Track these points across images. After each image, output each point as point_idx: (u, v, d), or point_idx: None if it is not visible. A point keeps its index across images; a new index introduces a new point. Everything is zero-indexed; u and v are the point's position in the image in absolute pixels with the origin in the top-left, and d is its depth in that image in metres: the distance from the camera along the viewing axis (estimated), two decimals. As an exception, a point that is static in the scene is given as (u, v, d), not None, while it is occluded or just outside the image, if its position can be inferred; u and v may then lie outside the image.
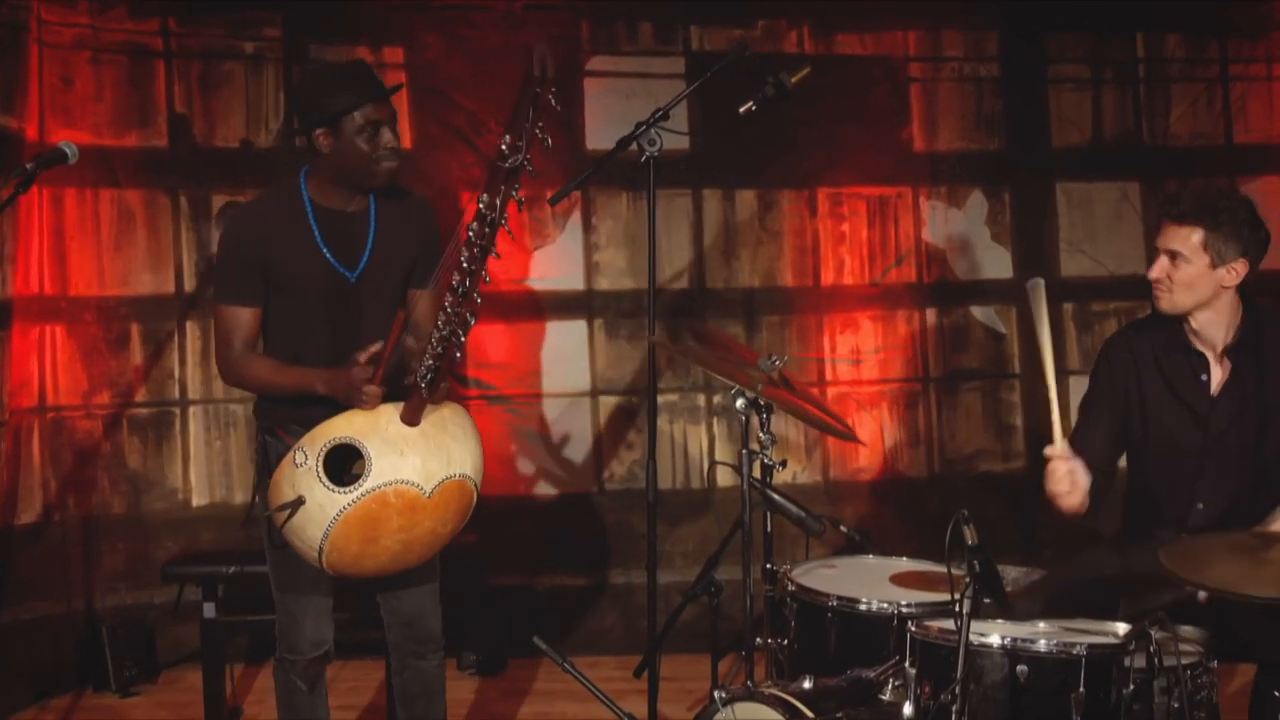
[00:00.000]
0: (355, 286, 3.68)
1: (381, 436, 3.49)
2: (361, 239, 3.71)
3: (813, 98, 5.30)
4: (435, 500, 3.53)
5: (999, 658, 3.20)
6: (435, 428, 3.57)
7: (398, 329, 3.49)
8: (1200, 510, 3.81)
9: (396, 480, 3.48)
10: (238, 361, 3.72)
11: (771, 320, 5.99)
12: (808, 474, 5.98)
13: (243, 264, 3.69)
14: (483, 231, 3.43)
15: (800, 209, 6.00)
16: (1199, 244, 3.71)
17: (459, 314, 3.44)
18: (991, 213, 6.06)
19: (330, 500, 3.45)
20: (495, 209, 3.42)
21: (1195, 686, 3.22)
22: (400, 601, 3.89)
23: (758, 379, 3.88)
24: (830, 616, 3.76)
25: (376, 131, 3.60)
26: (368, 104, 3.59)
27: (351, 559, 3.52)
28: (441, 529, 3.60)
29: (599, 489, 5.95)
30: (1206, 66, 6.10)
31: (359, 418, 3.52)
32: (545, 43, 3.48)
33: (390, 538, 3.51)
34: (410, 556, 3.60)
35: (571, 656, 4.11)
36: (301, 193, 3.70)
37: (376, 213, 3.73)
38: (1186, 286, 3.74)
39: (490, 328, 5.85)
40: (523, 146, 3.42)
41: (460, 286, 3.43)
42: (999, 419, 6.06)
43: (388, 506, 3.47)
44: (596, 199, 5.91)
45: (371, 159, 3.61)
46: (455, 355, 3.50)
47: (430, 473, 3.51)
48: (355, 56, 5.67)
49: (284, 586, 3.82)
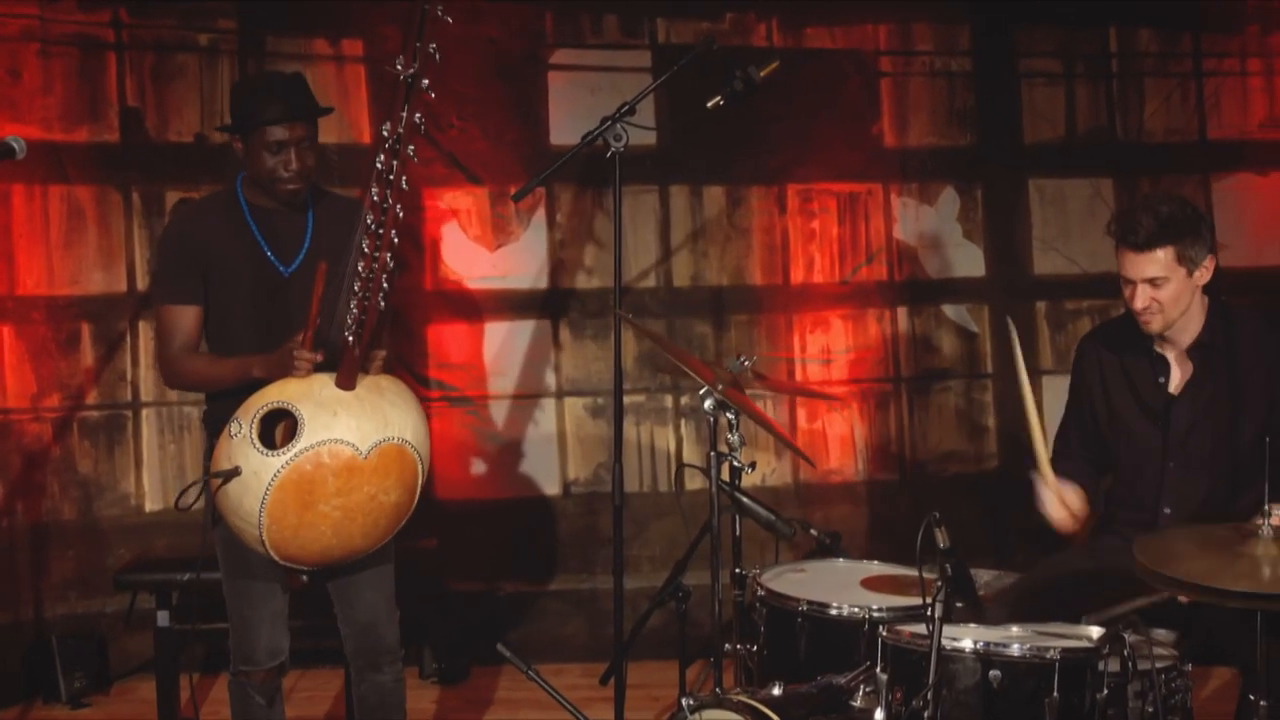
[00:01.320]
0: (289, 282, 3.73)
1: (315, 400, 3.52)
2: (299, 235, 3.77)
3: (782, 92, 5.32)
4: (373, 463, 3.53)
5: (972, 662, 3.21)
6: (371, 392, 3.60)
7: (320, 286, 3.50)
8: (1168, 515, 3.85)
9: (330, 439, 3.48)
10: (175, 360, 3.77)
11: (740, 319, 6.00)
12: (777, 476, 5.99)
13: (181, 263, 3.77)
14: (389, 163, 3.49)
15: (769, 206, 6.01)
16: (1173, 261, 3.75)
17: (378, 256, 3.49)
18: (963, 209, 6.09)
19: (264, 465, 3.46)
20: (395, 134, 3.48)
21: (1169, 690, 3.24)
22: (354, 610, 3.88)
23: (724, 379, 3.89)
24: (800, 621, 3.78)
25: (281, 151, 3.67)
26: (275, 124, 3.65)
27: (291, 531, 3.50)
28: (383, 496, 3.57)
29: (564, 492, 5.94)
30: (1180, 61, 6.14)
31: (292, 384, 3.56)
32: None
33: (327, 503, 3.49)
34: (354, 528, 3.56)
35: (536, 664, 4.11)
36: (238, 192, 3.80)
37: (315, 210, 3.81)
38: (1174, 303, 3.79)
39: (452, 327, 5.84)
40: (415, 63, 3.48)
41: (376, 225, 3.46)
42: (971, 420, 6.09)
43: (322, 468, 3.47)
44: (561, 195, 5.90)
45: (275, 176, 3.69)
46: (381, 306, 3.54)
47: (365, 433, 3.52)
48: (313, 49, 5.67)
49: (237, 590, 3.81)
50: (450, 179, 5.82)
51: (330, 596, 3.89)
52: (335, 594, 3.88)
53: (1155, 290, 3.77)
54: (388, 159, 3.51)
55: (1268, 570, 3.06)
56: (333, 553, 3.61)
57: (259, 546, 3.55)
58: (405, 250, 5.71)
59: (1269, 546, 3.11)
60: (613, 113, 4.20)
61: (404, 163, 3.51)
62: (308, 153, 3.70)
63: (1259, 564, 3.08)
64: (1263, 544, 3.12)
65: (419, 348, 5.81)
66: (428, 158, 5.76)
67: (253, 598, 3.79)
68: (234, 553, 3.70)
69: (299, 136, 3.68)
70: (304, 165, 3.69)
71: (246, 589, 3.79)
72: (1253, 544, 3.13)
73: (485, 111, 5.82)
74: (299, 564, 3.62)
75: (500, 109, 5.84)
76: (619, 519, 4.29)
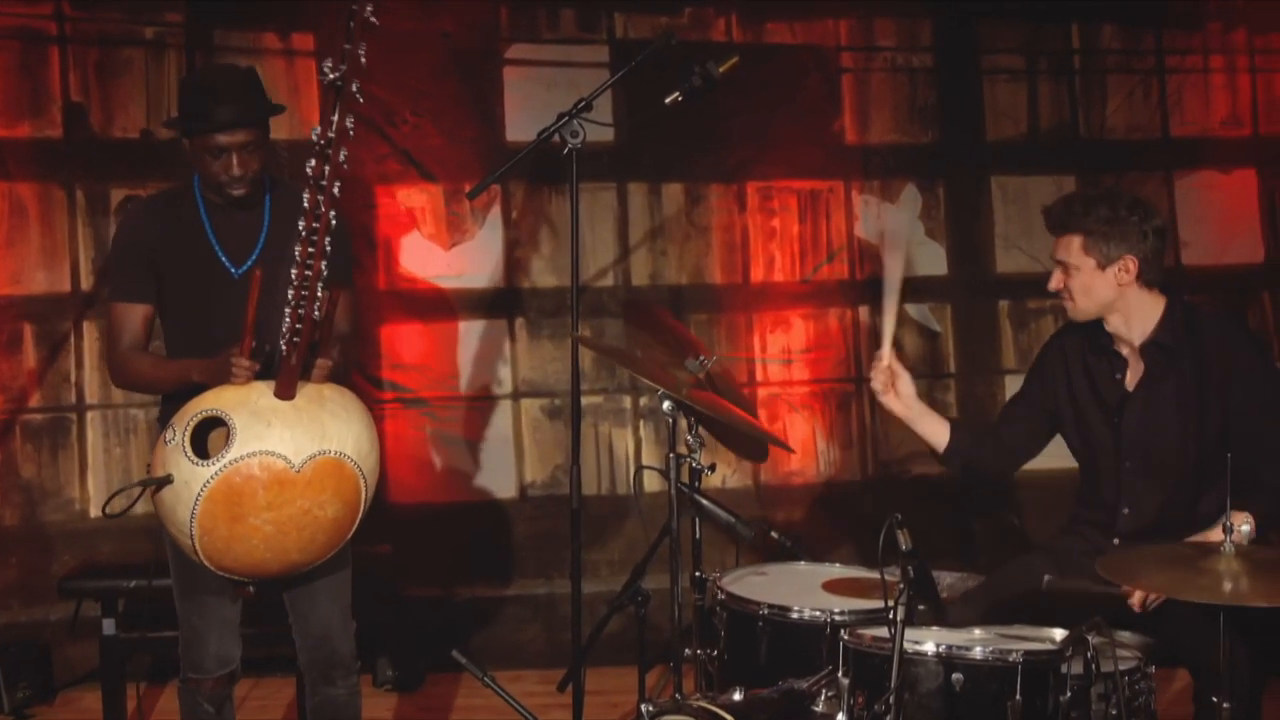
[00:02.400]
0: (240, 283, 3.67)
1: (250, 409, 3.48)
2: (253, 235, 3.73)
3: (741, 88, 5.32)
4: (307, 477, 3.48)
5: (934, 666, 3.23)
6: (311, 403, 3.55)
7: (255, 294, 3.47)
8: (1126, 515, 3.88)
9: (261, 451, 3.44)
10: (121, 359, 3.75)
11: (699, 319, 6.02)
12: (738, 478, 6.01)
13: (134, 260, 3.74)
14: (320, 168, 3.46)
15: (729, 203, 6.03)
16: (1080, 249, 3.84)
17: (311, 264, 3.47)
18: (926, 207, 6.12)
19: (194, 475, 3.43)
20: (325, 138, 3.46)
21: (1133, 693, 3.28)
22: (308, 622, 3.86)
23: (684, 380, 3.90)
24: (761, 626, 3.79)
25: (223, 155, 3.63)
26: (218, 131, 3.60)
27: (223, 543, 3.47)
28: (319, 511, 3.52)
29: (520, 495, 5.93)
30: (1142, 58, 6.20)
31: (229, 392, 3.52)
32: None
33: (258, 516, 3.46)
34: (288, 542, 3.52)
35: (492, 670, 4.11)
36: (195, 189, 3.76)
37: (272, 209, 3.77)
38: (1083, 292, 3.87)
39: (406, 328, 5.82)
40: (344, 66, 3.44)
41: (308, 232, 3.45)
42: (934, 420, 6.12)
43: (253, 480, 3.43)
44: (517, 193, 5.90)
45: (217, 180, 3.66)
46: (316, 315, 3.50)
47: (300, 446, 3.48)
48: (262, 44, 5.64)
49: (187, 598, 3.79)
50: (404, 176, 5.80)
51: (285, 606, 3.87)
52: (290, 604, 3.86)
53: (1067, 276, 3.88)
54: (319, 164, 3.48)
55: (1229, 584, 3.11)
56: (268, 566, 3.56)
57: (194, 556, 3.52)
58: (358, 249, 5.69)
59: (1230, 562, 3.16)
60: (569, 109, 4.19)
61: (336, 168, 3.48)
62: (252, 157, 3.65)
63: (1220, 579, 3.13)
64: (1224, 559, 3.17)
65: (372, 348, 5.79)
66: (381, 154, 5.75)
67: (202, 606, 3.77)
68: (183, 559, 3.67)
69: (242, 141, 3.62)
70: (248, 170, 3.65)
71: (196, 596, 3.77)
72: (1214, 559, 3.18)
73: (439, 107, 5.81)
74: (235, 575, 3.59)
75: (455, 105, 5.83)
76: (577, 522, 4.29)
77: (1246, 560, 3.17)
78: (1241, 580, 3.12)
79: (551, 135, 4.22)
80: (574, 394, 4.33)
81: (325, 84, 3.47)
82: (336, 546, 3.64)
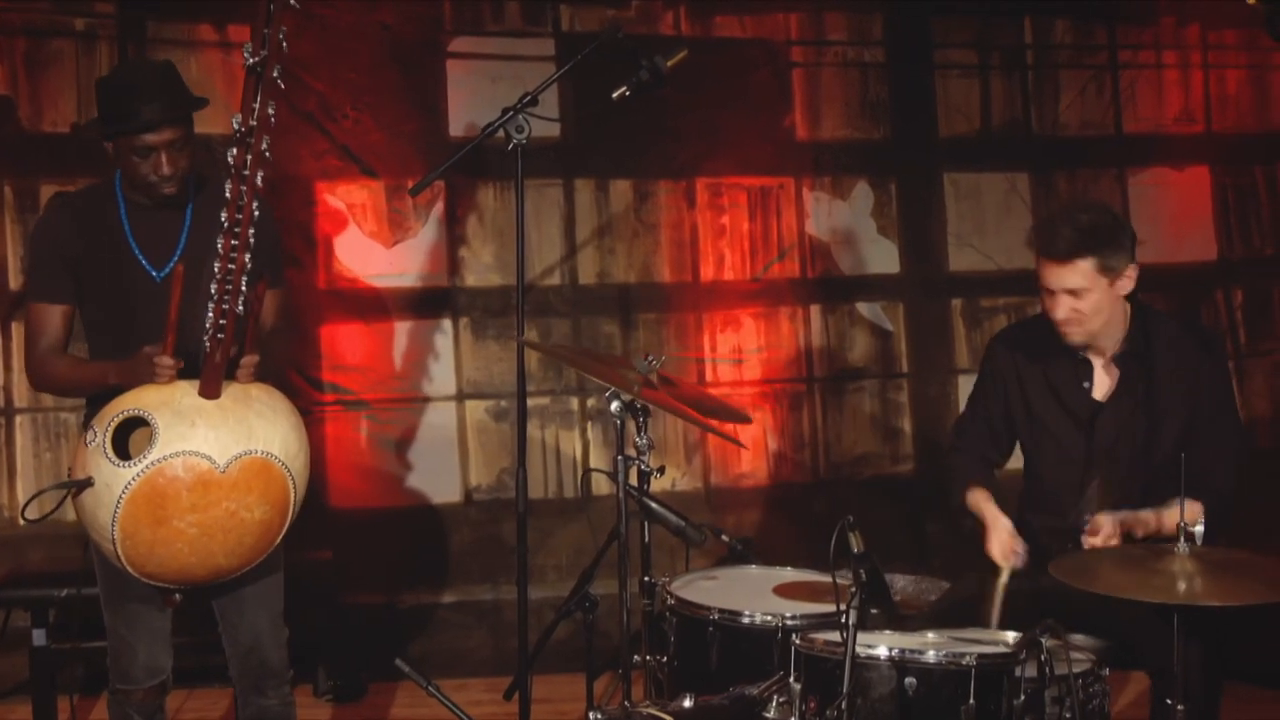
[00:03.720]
0: (162, 288, 3.63)
1: (173, 409, 3.45)
2: (174, 236, 3.70)
3: (690, 83, 5.33)
4: (232, 478, 3.46)
5: (887, 670, 3.24)
6: (237, 402, 3.52)
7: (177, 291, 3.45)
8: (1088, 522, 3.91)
9: (184, 451, 3.41)
10: (40, 361, 3.71)
11: (648, 318, 6.02)
12: (687, 480, 6.02)
13: (51, 261, 3.70)
14: (242, 157, 3.44)
15: (678, 200, 6.04)
16: (1094, 270, 3.79)
17: (235, 257, 3.44)
18: (877, 204, 6.16)
19: (115, 476, 3.40)
20: (247, 126, 3.44)
21: (1087, 696, 3.31)
22: (236, 630, 3.83)
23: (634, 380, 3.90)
24: (711, 631, 3.79)
25: (150, 156, 3.60)
26: (142, 132, 3.57)
27: (146, 548, 3.44)
28: (245, 513, 3.50)
29: (465, 499, 5.92)
30: (1095, 53, 6.26)
31: (151, 391, 3.50)
32: None
33: (182, 519, 3.43)
34: (214, 546, 3.49)
35: (437, 679, 4.08)
36: (116, 188, 3.72)
37: (194, 210, 3.72)
38: (1096, 313, 3.84)
39: (347, 328, 5.79)
40: (265, 51, 3.44)
41: (231, 224, 3.43)
42: (887, 420, 6.16)
43: (175, 481, 3.40)
44: (461, 189, 5.88)
45: (147, 181, 3.63)
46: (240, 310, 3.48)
47: (225, 446, 3.45)
48: (197, 36, 5.60)
49: (114, 607, 3.76)
50: (344, 172, 5.77)
51: (215, 614, 3.84)
52: (219, 612, 3.83)
53: (1076, 300, 3.81)
54: (240, 154, 3.45)
55: (1183, 584, 3.15)
56: (194, 572, 3.53)
57: (117, 562, 3.49)
58: (296, 247, 5.67)
59: (1184, 562, 3.20)
60: (514, 103, 4.19)
61: (258, 157, 3.46)
62: (181, 154, 3.62)
63: (1175, 579, 3.17)
64: (1178, 560, 3.21)
65: (312, 349, 5.76)
66: (320, 150, 5.72)
67: (129, 614, 3.74)
68: (109, 566, 3.64)
69: (170, 139, 3.59)
70: (177, 168, 3.61)
71: (123, 605, 3.73)
72: (1169, 560, 3.22)
73: (381, 101, 5.78)
74: (160, 582, 3.56)
75: (397, 99, 5.80)
76: (523, 526, 4.28)
77: (1200, 561, 3.22)
78: (1196, 580, 3.17)
79: (496, 130, 4.21)
80: (520, 395, 4.32)
81: (246, 69, 3.44)
82: (265, 551, 3.61)
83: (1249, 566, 3.30)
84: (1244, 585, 3.19)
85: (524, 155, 4.20)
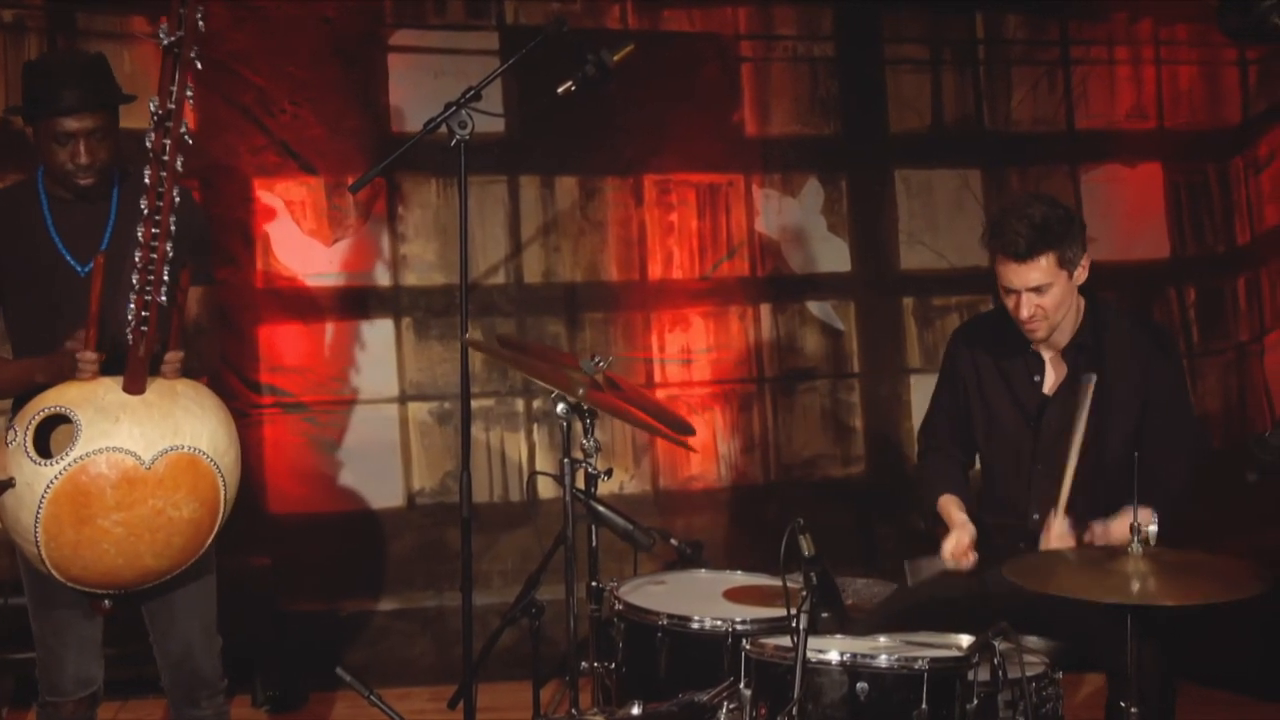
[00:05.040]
0: (86, 282, 3.60)
1: (96, 405, 3.44)
2: (99, 230, 3.68)
3: (637, 78, 5.34)
4: (159, 474, 3.44)
5: (838, 675, 3.26)
6: (163, 397, 3.51)
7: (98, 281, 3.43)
8: (1037, 521, 3.94)
9: (108, 448, 3.40)
10: None
11: (595, 318, 6.02)
12: (636, 483, 6.02)
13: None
14: (160, 142, 3.43)
15: (625, 197, 6.03)
16: (1055, 265, 3.83)
17: (156, 246, 3.43)
18: (828, 201, 6.18)
19: (37, 475, 3.38)
20: (165, 109, 3.42)
21: (1040, 699, 3.33)
22: (166, 639, 3.80)
23: (580, 382, 3.90)
24: (660, 637, 3.80)
25: (69, 143, 3.59)
26: (63, 116, 3.56)
27: (70, 548, 3.41)
28: (173, 511, 3.48)
29: (408, 504, 5.89)
30: (1047, 49, 6.31)
31: (74, 388, 3.48)
32: None
33: (107, 518, 3.40)
34: (141, 546, 3.47)
35: (379, 688, 4.07)
36: (38, 182, 3.71)
37: (119, 203, 3.71)
38: (1058, 307, 3.89)
39: (285, 328, 5.76)
40: (181, 30, 3.42)
41: (152, 211, 3.41)
42: (838, 421, 6.18)
43: (100, 479, 3.38)
44: (403, 186, 5.86)
45: (64, 169, 3.62)
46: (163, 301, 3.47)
47: (150, 441, 3.44)
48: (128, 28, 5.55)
49: (41, 616, 3.72)
50: (282, 168, 5.74)
51: (145, 622, 3.81)
52: (149, 620, 3.80)
53: (1040, 298, 3.85)
54: (159, 138, 3.44)
55: (1137, 585, 3.19)
56: (121, 574, 3.50)
57: (41, 566, 3.46)
58: (233, 245, 5.63)
59: (1138, 562, 3.23)
60: (457, 98, 4.18)
61: (177, 141, 3.44)
62: (101, 145, 3.61)
63: (1128, 579, 3.21)
64: (1132, 560, 3.24)
65: (249, 350, 5.72)
66: (258, 145, 5.68)
67: (57, 623, 3.70)
68: (36, 573, 3.60)
69: (89, 128, 3.58)
70: (95, 159, 3.60)
71: (50, 613, 3.70)
72: (1122, 560, 3.25)
73: (320, 96, 5.75)
74: (86, 586, 3.52)
75: (337, 93, 5.77)
76: (467, 531, 4.27)
77: (1154, 561, 3.25)
78: (1149, 580, 3.21)
79: (438, 126, 4.20)
80: (464, 397, 4.32)
81: (163, 50, 3.43)
82: (196, 552, 3.58)
83: (1202, 566, 3.35)
84: (1198, 585, 3.24)
85: (467, 151, 4.20)
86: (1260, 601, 3.21)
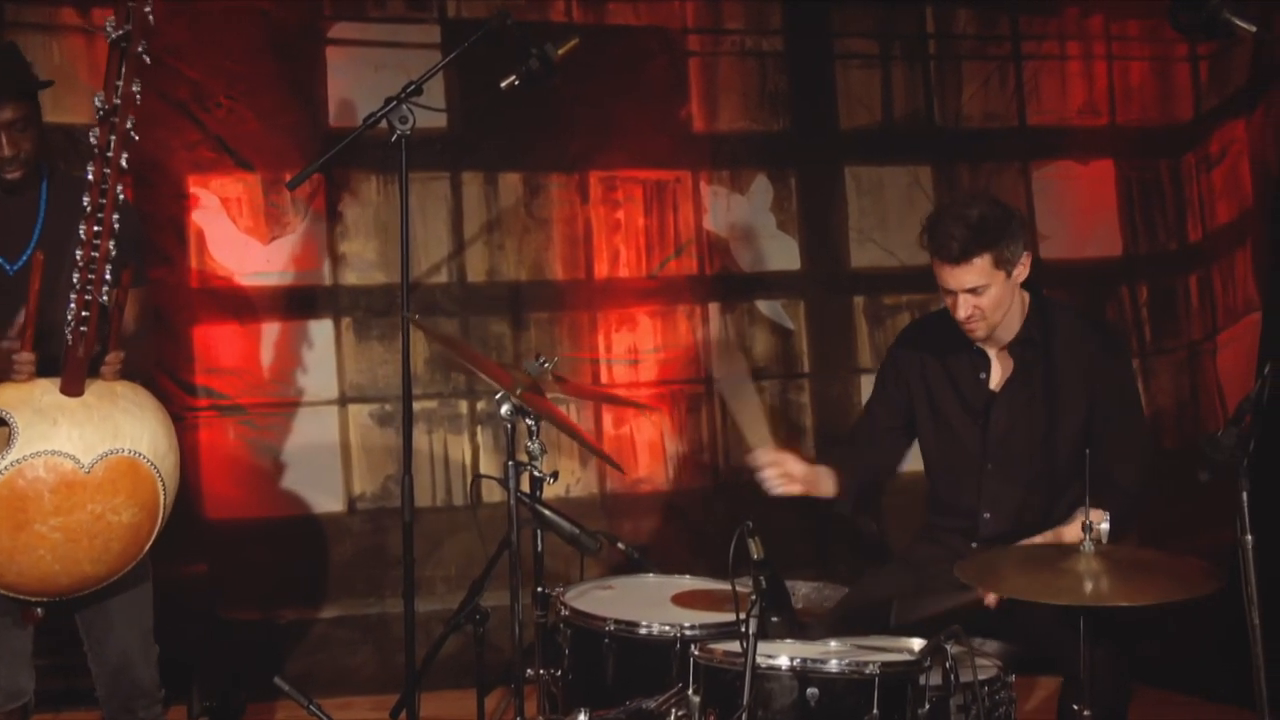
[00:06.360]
0: (15, 281, 3.60)
1: (33, 407, 3.42)
2: (28, 227, 3.65)
3: (582, 72, 5.33)
4: (98, 478, 3.43)
5: (788, 680, 3.27)
6: (102, 400, 3.50)
7: (36, 280, 3.40)
8: (987, 520, 3.98)
9: (46, 451, 3.38)
10: None
11: (540, 317, 6.01)
12: (582, 486, 6.02)
13: None
14: (105, 138, 3.42)
15: (570, 194, 6.03)
16: (991, 266, 3.86)
17: (98, 244, 3.41)
18: (777, 199, 6.19)
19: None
20: (110, 104, 3.41)
21: (993, 702, 3.36)
22: (103, 648, 3.77)
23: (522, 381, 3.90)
24: (607, 643, 3.80)
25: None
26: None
27: (6, 555, 3.38)
28: (113, 516, 3.47)
29: (349, 508, 5.87)
30: (999, 44, 6.35)
31: (9, 389, 3.47)
32: None
33: (44, 522, 3.38)
34: (79, 552, 3.45)
35: (319, 698, 4.06)
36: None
37: (49, 200, 3.69)
38: (997, 307, 3.91)
39: (221, 328, 5.71)
40: (129, 24, 3.42)
41: (94, 209, 3.39)
42: (789, 421, 6.20)
43: (37, 482, 3.37)
44: (342, 183, 5.83)
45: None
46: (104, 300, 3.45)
47: (90, 445, 3.42)
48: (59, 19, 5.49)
49: None
50: (218, 164, 5.69)
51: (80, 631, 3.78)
52: (84, 629, 3.77)
53: (977, 299, 3.88)
54: (104, 133, 3.43)
55: (1090, 585, 3.21)
56: (58, 580, 3.48)
57: None
58: (167, 243, 5.58)
59: (1090, 562, 3.26)
60: (398, 92, 4.17)
61: (123, 137, 3.42)
62: (23, 136, 3.59)
63: (1081, 579, 3.23)
64: (1084, 559, 3.27)
65: (184, 351, 5.67)
66: (192, 141, 5.64)
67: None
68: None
69: (9, 119, 3.57)
70: (18, 150, 3.58)
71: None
72: (1074, 560, 3.28)
73: (257, 90, 5.71)
74: (22, 594, 3.49)
75: (274, 87, 5.74)
76: (409, 537, 4.26)
77: (1106, 560, 3.28)
78: (1102, 580, 3.23)
79: (378, 121, 4.20)
80: (405, 399, 4.30)
81: (110, 43, 3.41)
82: (134, 557, 3.56)
83: (1155, 565, 3.38)
84: (1151, 584, 3.26)
85: (408, 147, 4.19)
86: (1213, 601, 3.25)
